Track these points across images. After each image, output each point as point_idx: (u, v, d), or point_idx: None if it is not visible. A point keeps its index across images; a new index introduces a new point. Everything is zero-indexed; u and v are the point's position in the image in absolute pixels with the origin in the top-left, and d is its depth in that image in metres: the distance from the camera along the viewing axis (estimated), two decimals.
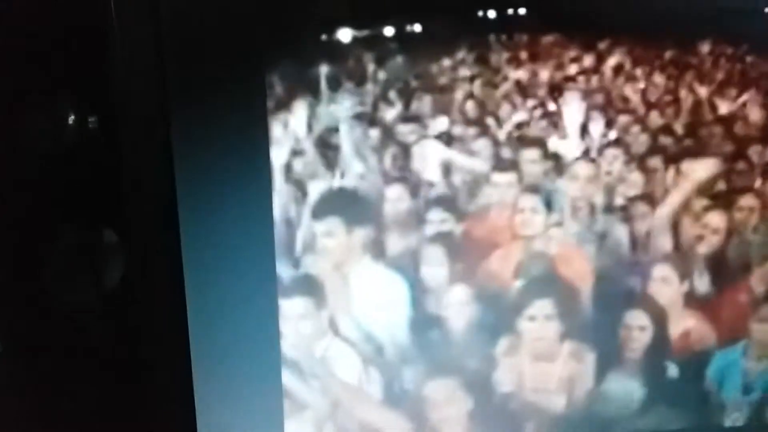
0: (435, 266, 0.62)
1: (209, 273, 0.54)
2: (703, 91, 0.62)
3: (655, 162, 0.63)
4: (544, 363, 0.64)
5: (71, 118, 0.51)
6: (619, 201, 0.63)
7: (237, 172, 0.53)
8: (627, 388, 0.65)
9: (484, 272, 0.62)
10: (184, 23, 0.51)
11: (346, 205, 0.59)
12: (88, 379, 0.53)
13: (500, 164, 0.62)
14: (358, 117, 0.58)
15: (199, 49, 0.51)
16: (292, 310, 0.59)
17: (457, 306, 0.62)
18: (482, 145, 0.62)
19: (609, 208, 0.63)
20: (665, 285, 0.64)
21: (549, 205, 0.63)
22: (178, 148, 0.51)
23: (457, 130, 0.61)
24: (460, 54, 0.60)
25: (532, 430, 0.64)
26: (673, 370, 0.65)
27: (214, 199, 0.53)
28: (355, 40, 0.56)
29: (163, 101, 0.51)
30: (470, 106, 0.61)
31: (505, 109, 0.62)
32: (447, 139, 0.61)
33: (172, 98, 0.51)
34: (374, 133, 0.59)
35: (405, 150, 0.60)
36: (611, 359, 0.64)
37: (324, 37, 0.56)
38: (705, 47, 0.61)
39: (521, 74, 0.61)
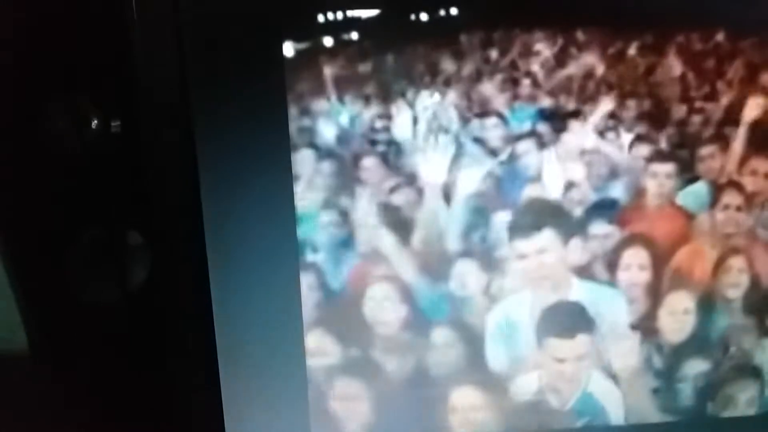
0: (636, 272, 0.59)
1: (234, 272, 0.54)
2: None
3: None
4: None
5: (94, 122, 0.52)
6: None
7: (260, 172, 0.53)
8: None
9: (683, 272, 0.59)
10: (205, 25, 0.51)
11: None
12: (115, 378, 0.54)
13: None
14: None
15: (221, 51, 0.51)
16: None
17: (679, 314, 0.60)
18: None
19: None
20: None
21: None
22: (202, 149, 0.52)
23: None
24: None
25: None
26: None
27: (238, 198, 0.53)
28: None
29: (185, 103, 0.51)
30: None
31: None
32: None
33: (195, 100, 0.51)
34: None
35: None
36: None
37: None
38: None
39: None
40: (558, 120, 0.55)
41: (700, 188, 0.57)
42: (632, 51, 0.55)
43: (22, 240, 0.52)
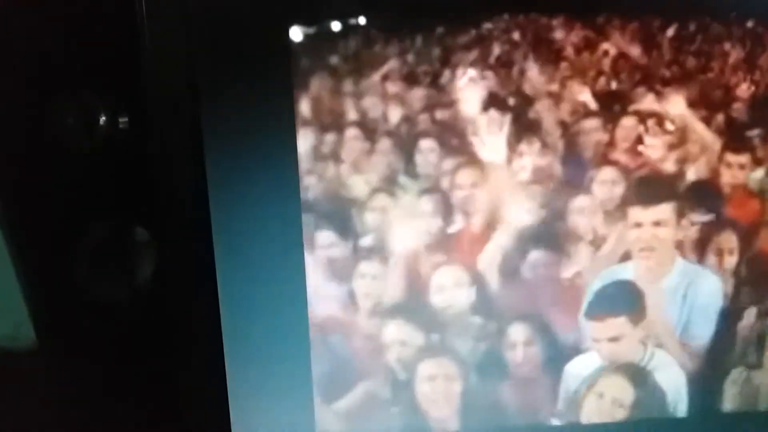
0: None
1: (241, 268, 0.54)
2: None
3: None
4: None
5: (102, 118, 0.52)
6: None
7: (268, 167, 0.54)
8: None
9: None
10: (212, 19, 0.51)
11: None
12: (122, 373, 0.55)
13: None
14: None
15: (230, 47, 0.51)
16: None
17: None
18: None
19: None
20: None
21: None
22: (209, 145, 0.52)
23: None
24: None
25: None
26: None
27: (246, 194, 0.53)
28: None
29: (193, 99, 0.52)
30: None
31: None
32: None
33: (202, 95, 0.52)
34: None
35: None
36: None
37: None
38: None
39: None
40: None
41: None
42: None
43: (29, 236, 0.53)
